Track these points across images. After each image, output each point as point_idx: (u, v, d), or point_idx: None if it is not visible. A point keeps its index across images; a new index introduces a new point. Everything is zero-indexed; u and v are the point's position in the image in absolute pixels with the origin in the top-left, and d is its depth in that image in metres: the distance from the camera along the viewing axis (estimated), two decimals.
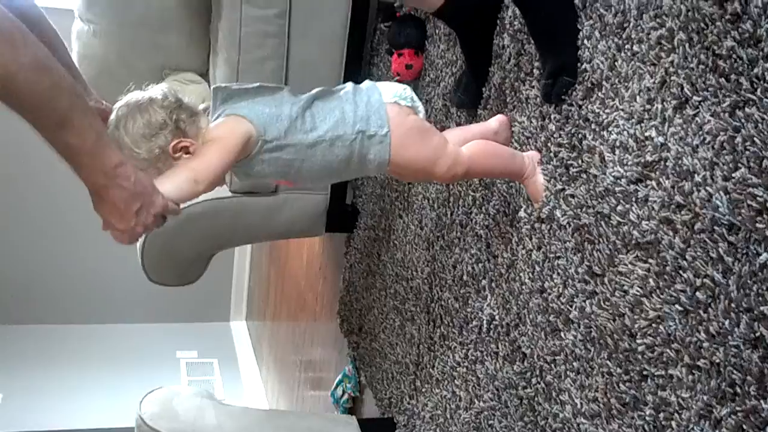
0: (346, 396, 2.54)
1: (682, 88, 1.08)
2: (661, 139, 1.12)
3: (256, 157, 1.31)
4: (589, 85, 1.30)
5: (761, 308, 0.94)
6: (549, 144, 1.41)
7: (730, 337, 0.98)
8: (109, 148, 1.08)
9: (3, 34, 0.95)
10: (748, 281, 0.96)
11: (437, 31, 1.94)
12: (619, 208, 1.21)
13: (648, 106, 1.15)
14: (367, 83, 1.43)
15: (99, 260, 4.78)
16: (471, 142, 1.47)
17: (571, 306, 1.34)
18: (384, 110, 1.37)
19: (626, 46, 1.20)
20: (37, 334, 4.95)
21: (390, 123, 1.37)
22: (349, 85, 1.43)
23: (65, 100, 1.02)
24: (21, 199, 4.67)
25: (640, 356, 1.15)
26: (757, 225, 0.95)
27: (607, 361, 1.23)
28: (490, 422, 1.60)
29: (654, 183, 1.13)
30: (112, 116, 1.28)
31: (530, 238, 1.48)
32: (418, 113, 1.43)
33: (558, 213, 1.38)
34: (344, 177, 1.47)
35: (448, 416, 1.80)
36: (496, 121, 1.56)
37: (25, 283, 4.88)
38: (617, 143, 1.21)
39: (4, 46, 0.95)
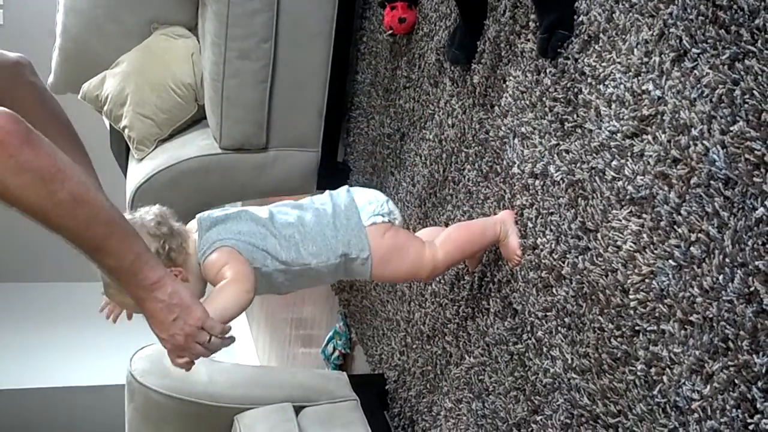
0: (336, 353, 2.55)
1: (681, 40, 1.06)
2: (658, 92, 1.10)
3: None
4: (586, 38, 1.27)
5: (756, 263, 0.93)
6: (544, 98, 1.39)
7: (723, 292, 0.98)
8: (147, 265, 1.12)
9: (42, 172, 0.98)
10: (744, 236, 0.95)
11: None
12: (614, 163, 1.19)
13: (645, 59, 1.13)
14: (344, 196, 1.47)
15: None
16: (444, 234, 1.53)
17: (564, 262, 1.33)
18: (364, 234, 1.43)
19: None
20: (28, 291, 4.93)
21: (370, 245, 1.43)
22: (328, 202, 1.46)
23: (102, 229, 1.06)
24: None
25: (632, 311, 1.15)
26: (754, 179, 0.94)
27: (599, 317, 1.23)
28: (481, 377, 1.61)
29: (650, 137, 1.12)
30: None
31: (523, 195, 1.47)
32: (395, 222, 1.48)
33: (552, 169, 1.37)
34: (332, 282, 1.58)
35: (439, 372, 1.81)
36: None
37: (17, 241, 4.85)
38: (613, 97, 1.20)
39: (39, 186, 0.98)
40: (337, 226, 1.43)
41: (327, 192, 1.51)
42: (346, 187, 1.51)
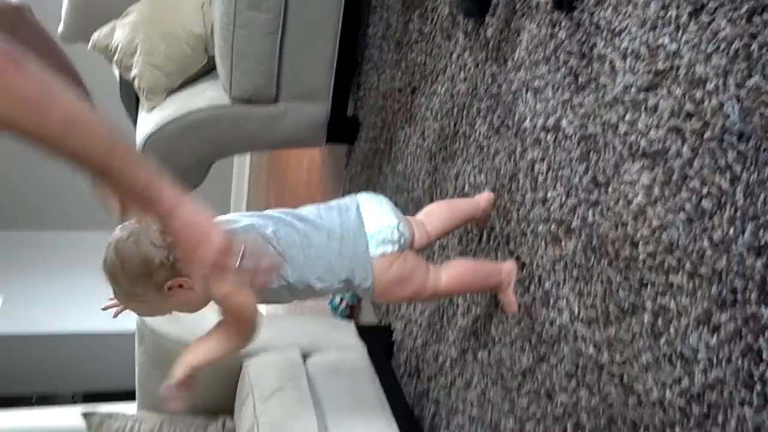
0: (344, 304, 2.58)
1: None
2: (674, 46, 1.11)
3: None
4: None
5: (767, 216, 0.94)
6: (558, 52, 1.39)
7: (733, 245, 0.99)
8: (161, 190, 1.08)
9: (29, 98, 0.95)
10: (756, 189, 0.96)
11: None
12: (628, 116, 1.20)
13: (662, 13, 1.13)
14: (354, 216, 1.44)
15: None
16: (452, 264, 1.56)
17: (574, 215, 1.34)
18: (370, 265, 1.42)
19: None
20: (39, 239, 4.97)
21: (374, 276, 1.43)
22: (336, 219, 1.44)
23: (101, 152, 1.03)
24: None
25: (640, 264, 1.17)
26: None
27: (607, 269, 1.25)
28: (487, 328, 1.63)
29: (665, 91, 1.12)
30: (111, 242, 1.30)
31: (534, 149, 1.47)
32: (405, 246, 1.45)
33: (564, 123, 1.37)
34: None
35: (445, 322, 1.83)
36: (484, 201, 1.61)
37: (28, 189, 4.87)
38: (629, 51, 1.20)
39: (30, 111, 0.96)
40: (343, 253, 1.42)
41: (336, 205, 1.48)
42: (356, 201, 1.47)
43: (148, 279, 1.28)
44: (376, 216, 1.45)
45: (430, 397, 1.91)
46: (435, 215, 1.60)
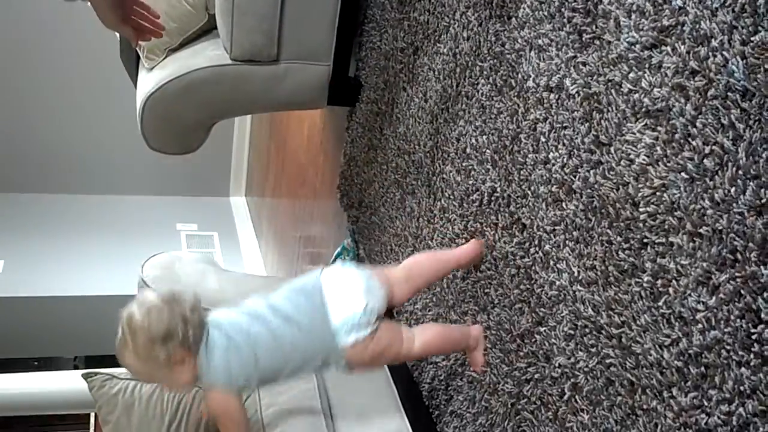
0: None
1: None
2: (679, 2, 1.08)
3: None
4: None
5: None
6: (563, 9, 1.36)
7: (734, 204, 0.98)
8: None
9: None
10: (758, 148, 0.95)
11: None
12: (632, 75, 1.18)
13: None
14: (318, 303, 1.46)
15: (102, 131, 4.76)
16: (425, 330, 1.59)
17: (575, 176, 1.33)
18: (342, 353, 1.45)
19: None
20: (40, 202, 4.98)
21: (348, 357, 1.47)
22: (303, 304, 1.47)
23: None
24: (25, 68, 4.59)
25: (641, 224, 1.15)
26: None
27: (608, 230, 1.24)
28: (486, 291, 1.63)
29: (669, 48, 1.10)
30: (144, 302, 1.41)
31: (537, 109, 1.45)
32: (375, 326, 1.47)
33: (567, 82, 1.35)
34: None
35: (445, 285, 1.83)
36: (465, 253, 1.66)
37: (29, 152, 4.87)
38: (634, 7, 1.17)
39: None
40: (314, 340, 1.46)
41: (302, 287, 1.52)
42: (319, 284, 1.49)
43: (164, 347, 1.38)
44: (341, 303, 1.46)
45: (429, 360, 1.91)
46: (418, 270, 1.63)
